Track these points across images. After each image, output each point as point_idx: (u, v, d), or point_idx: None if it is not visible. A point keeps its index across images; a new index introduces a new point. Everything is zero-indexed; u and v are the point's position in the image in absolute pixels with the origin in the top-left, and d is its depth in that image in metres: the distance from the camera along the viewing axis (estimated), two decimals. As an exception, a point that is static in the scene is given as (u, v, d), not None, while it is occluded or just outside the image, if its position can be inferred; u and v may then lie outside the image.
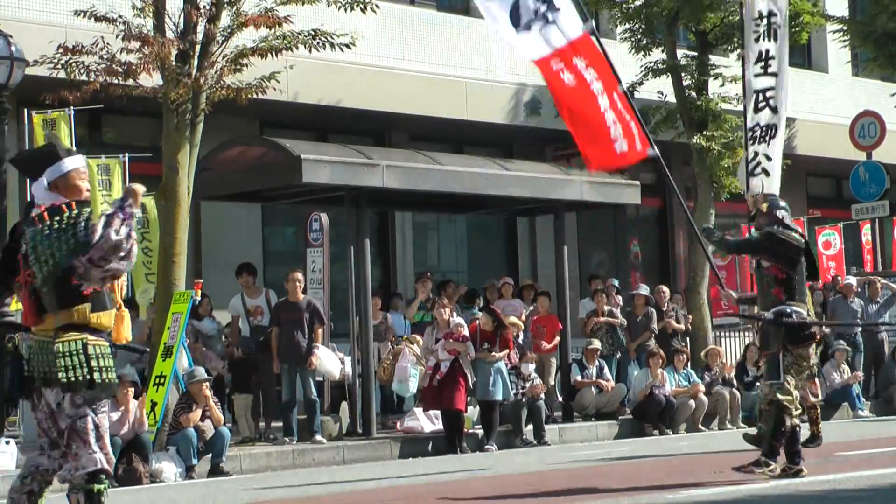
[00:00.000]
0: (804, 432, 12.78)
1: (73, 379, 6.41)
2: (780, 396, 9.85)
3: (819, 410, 13.63)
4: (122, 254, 6.30)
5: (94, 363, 6.46)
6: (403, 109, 19.68)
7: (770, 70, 14.33)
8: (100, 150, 16.89)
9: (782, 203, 10.43)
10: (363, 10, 15.08)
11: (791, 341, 10.00)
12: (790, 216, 10.47)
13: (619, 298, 19.02)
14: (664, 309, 18.83)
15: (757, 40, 14.19)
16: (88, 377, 6.43)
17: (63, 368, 6.40)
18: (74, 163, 6.70)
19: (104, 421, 6.58)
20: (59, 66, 13.78)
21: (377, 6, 15.17)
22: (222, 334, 15.58)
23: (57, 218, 6.43)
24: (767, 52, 14.22)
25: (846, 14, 25.97)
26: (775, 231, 10.20)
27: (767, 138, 14.21)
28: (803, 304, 10.26)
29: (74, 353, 6.43)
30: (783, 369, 9.92)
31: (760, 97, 14.16)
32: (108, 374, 6.52)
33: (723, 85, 20.20)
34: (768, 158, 14.17)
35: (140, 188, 6.49)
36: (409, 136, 20.80)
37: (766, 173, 14.21)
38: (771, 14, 14.14)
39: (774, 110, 14.22)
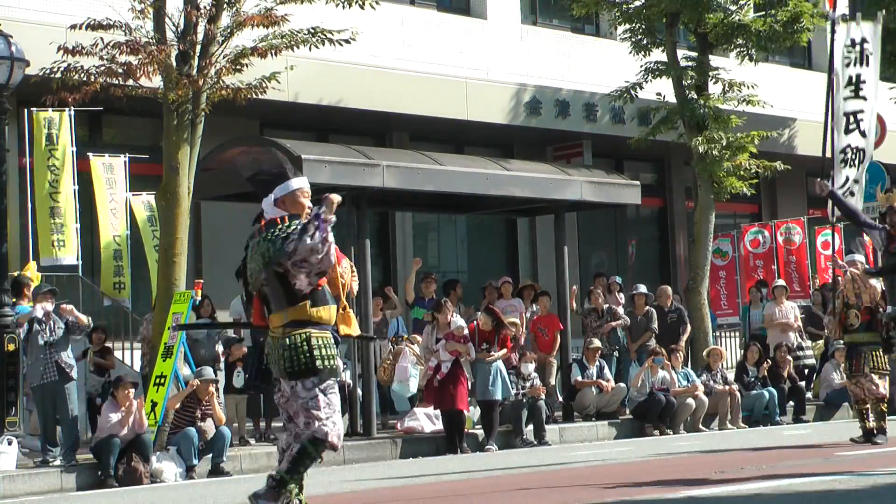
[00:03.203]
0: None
1: (296, 368, 7.28)
2: None
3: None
4: (320, 255, 7.15)
5: (316, 352, 7.29)
6: (403, 109, 19.69)
7: (861, 93, 14.70)
8: (100, 151, 16.93)
9: None
10: (361, 6, 15.08)
11: None
12: None
13: (622, 296, 19.01)
14: (666, 309, 18.78)
15: (848, 65, 14.64)
16: (310, 365, 7.27)
17: (289, 359, 7.28)
18: (300, 182, 7.53)
19: (335, 399, 7.44)
20: (59, 70, 13.77)
21: (376, 3, 15.18)
22: (212, 338, 15.45)
23: (272, 230, 7.28)
24: (859, 76, 14.65)
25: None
26: None
27: (857, 161, 14.72)
28: None
29: (299, 345, 7.28)
30: None
31: (851, 119, 14.65)
32: (331, 361, 7.36)
33: (724, 90, 20.22)
34: (856, 182, 14.70)
35: (336, 198, 7.23)
36: (409, 136, 20.81)
37: (852, 194, 14.74)
38: (864, 41, 14.62)
39: (863, 134, 14.69)
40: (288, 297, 7.31)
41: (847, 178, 14.70)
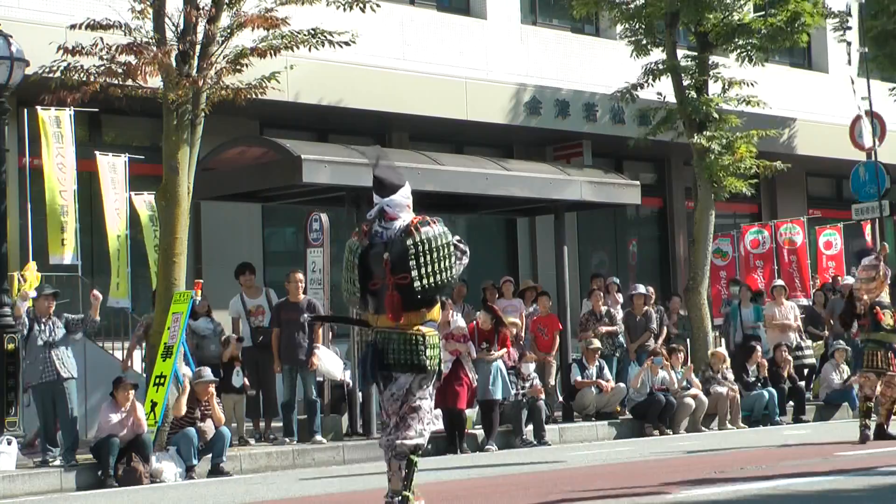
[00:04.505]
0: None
1: (434, 367, 7.59)
2: None
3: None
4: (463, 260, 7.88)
5: (442, 355, 7.72)
6: (403, 109, 19.68)
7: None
8: (100, 151, 16.91)
9: None
10: (362, 10, 15.07)
11: None
12: None
13: (620, 297, 19.00)
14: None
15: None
16: (438, 367, 7.66)
17: (430, 358, 7.55)
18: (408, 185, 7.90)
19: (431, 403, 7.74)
20: (59, 70, 13.75)
21: (377, 5, 15.16)
22: (218, 335, 15.48)
23: (426, 230, 7.57)
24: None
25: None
26: None
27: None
28: None
29: (437, 345, 7.63)
30: None
31: None
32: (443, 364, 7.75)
33: (724, 88, 20.20)
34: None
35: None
36: (409, 136, 20.81)
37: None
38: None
39: None
40: (430, 298, 7.60)
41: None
